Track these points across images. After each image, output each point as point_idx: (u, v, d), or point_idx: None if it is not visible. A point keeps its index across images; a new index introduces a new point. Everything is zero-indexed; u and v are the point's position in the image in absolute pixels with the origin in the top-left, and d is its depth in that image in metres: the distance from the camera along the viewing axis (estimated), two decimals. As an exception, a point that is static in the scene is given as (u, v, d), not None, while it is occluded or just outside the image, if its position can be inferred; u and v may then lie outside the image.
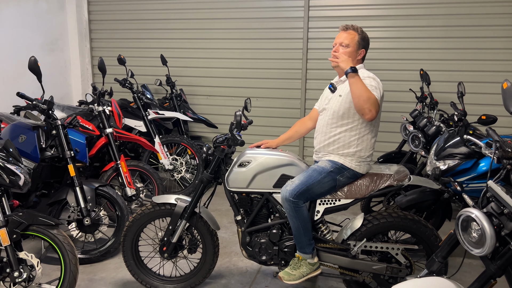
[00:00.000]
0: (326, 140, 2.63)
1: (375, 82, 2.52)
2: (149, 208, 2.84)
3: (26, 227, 2.51)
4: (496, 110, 4.04)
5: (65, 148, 3.24)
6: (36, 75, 3.10)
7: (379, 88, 2.51)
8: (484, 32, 4.68)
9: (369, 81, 2.50)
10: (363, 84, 2.38)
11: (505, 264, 1.61)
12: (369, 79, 2.52)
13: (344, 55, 2.50)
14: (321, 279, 3.08)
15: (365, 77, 2.52)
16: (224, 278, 3.12)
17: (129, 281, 3.04)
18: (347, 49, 2.58)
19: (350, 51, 2.58)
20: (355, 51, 2.61)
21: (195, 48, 5.63)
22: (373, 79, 2.53)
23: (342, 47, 2.59)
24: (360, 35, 2.62)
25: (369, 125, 2.58)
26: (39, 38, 5.34)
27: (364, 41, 2.64)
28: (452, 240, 1.85)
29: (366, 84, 2.42)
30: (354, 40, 2.60)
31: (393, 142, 4.78)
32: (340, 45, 2.60)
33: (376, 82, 2.52)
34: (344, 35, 2.61)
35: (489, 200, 1.67)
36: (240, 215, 2.75)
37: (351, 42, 2.59)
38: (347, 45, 2.59)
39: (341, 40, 2.61)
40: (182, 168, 4.83)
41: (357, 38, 2.60)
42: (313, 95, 5.25)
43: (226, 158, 2.76)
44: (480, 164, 2.98)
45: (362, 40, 2.62)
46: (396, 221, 2.61)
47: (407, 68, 4.95)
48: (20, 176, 2.55)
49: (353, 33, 2.61)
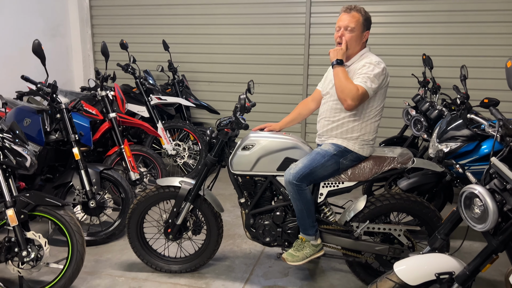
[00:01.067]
0: (329, 125, 2.64)
1: (373, 71, 2.45)
2: (153, 190, 2.87)
3: (33, 208, 2.55)
4: (498, 95, 4.04)
5: (70, 132, 3.26)
6: (40, 58, 3.11)
7: (377, 76, 2.45)
8: (487, 17, 4.66)
9: (367, 69, 2.46)
10: (343, 76, 2.45)
11: (507, 239, 1.64)
12: (369, 66, 2.47)
13: (341, 49, 2.51)
14: (324, 260, 3.13)
15: (367, 63, 2.49)
16: (228, 259, 3.16)
17: (135, 262, 3.08)
18: (352, 33, 2.52)
19: (356, 35, 2.52)
20: (360, 34, 2.54)
21: (197, 34, 5.62)
22: (375, 66, 2.46)
23: (348, 31, 2.52)
24: (364, 16, 2.54)
25: (372, 111, 2.57)
26: (41, 23, 5.32)
27: (368, 21, 2.57)
28: (455, 218, 1.88)
29: (362, 74, 2.44)
30: (359, 22, 2.52)
31: (394, 127, 4.79)
32: (345, 29, 2.53)
33: (376, 71, 2.45)
34: (348, 17, 2.52)
35: (492, 177, 1.69)
36: (244, 198, 2.78)
37: (357, 24, 2.51)
38: (352, 29, 2.51)
39: (345, 23, 2.52)
40: (185, 153, 4.86)
41: (361, 20, 2.53)
42: (315, 80, 5.24)
43: (229, 141, 2.77)
44: (482, 146, 3.00)
45: (366, 21, 2.55)
46: (399, 203, 2.64)
47: (410, 54, 4.94)
48: (26, 157, 2.58)
49: (357, 15, 2.52)
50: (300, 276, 2.95)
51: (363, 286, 2.80)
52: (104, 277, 2.91)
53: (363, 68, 2.48)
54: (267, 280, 2.90)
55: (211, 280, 2.88)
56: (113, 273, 2.96)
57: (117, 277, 2.92)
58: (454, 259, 1.82)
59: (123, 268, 3.02)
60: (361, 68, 2.50)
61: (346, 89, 2.41)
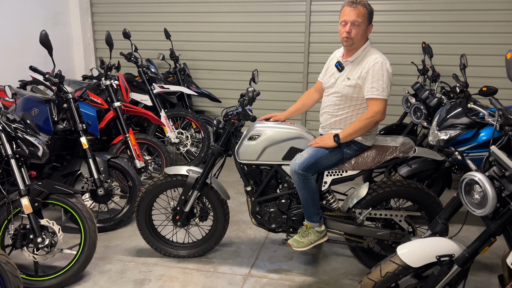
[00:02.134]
0: (332, 118, 2.72)
1: (383, 76, 2.51)
2: (161, 179, 2.95)
3: (46, 196, 2.63)
4: (497, 82, 4.10)
5: (77, 121, 3.32)
6: (47, 49, 3.15)
7: (389, 78, 2.53)
8: (487, 4, 4.70)
9: (378, 75, 2.50)
10: (353, 132, 2.57)
11: (505, 223, 1.73)
12: (379, 70, 2.50)
13: (322, 140, 2.64)
14: (326, 245, 3.24)
15: (376, 67, 2.51)
16: (234, 244, 3.27)
17: (143, 248, 3.18)
18: (359, 28, 2.54)
19: (362, 29, 2.56)
20: (366, 28, 2.58)
21: (198, 22, 5.63)
22: (384, 70, 2.51)
23: (355, 26, 2.53)
24: (368, 9, 2.55)
25: None
26: (42, 12, 5.32)
27: (371, 15, 2.59)
28: (455, 203, 1.97)
29: (375, 84, 2.52)
30: (365, 17, 2.54)
31: (394, 114, 4.86)
32: (352, 24, 2.53)
33: (385, 74, 2.51)
34: (355, 12, 2.52)
35: (491, 164, 1.78)
36: (250, 186, 2.87)
37: (363, 19, 2.53)
38: (359, 23, 2.53)
39: (352, 18, 2.52)
40: (188, 141, 4.93)
41: (366, 14, 2.54)
42: (316, 68, 5.30)
43: (235, 131, 2.85)
44: (481, 134, 3.08)
45: (370, 15, 2.57)
46: (400, 189, 2.73)
47: (409, 41, 4.99)
48: (39, 147, 2.65)
49: (362, 10, 2.53)
50: (304, 260, 3.06)
51: (365, 269, 2.91)
52: (115, 262, 3.01)
53: (374, 75, 2.52)
54: (272, 264, 3.01)
55: (218, 265, 2.98)
56: (123, 258, 3.06)
57: (127, 262, 3.01)
58: (454, 243, 1.92)
59: (132, 254, 3.12)
60: (371, 70, 2.53)
61: (369, 125, 2.56)
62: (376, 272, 1.99)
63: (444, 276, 1.86)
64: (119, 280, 2.80)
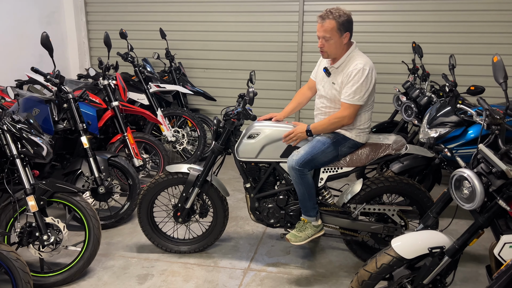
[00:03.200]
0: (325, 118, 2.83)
1: (358, 81, 2.59)
2: (162, 177, 3.03)
3: (51, 194, 2.69)
4: (485, 80, 4.26)
5: (77, 121, 3.38)
6: (48, 50, 3.20)
7: (364, 84, 2.60)
8: (475, 5, 4.84)
9: (353, 80, 2.60)
10: (324, 127, 2.75)
11: (492, 216, 1.86)
12: (355, 76, 2.59)
13: (296, 136, 2.78)
14: (323, 239, 3.35)
15: (354, 72, 2.60)
16: (233, 239, 3.37)
17: (145, 244, 3.26)
18: (330, 41, 2.64)
19: (334, 41, 2.64)
20: (338, 39, 2.64)
21: (192, 21, 5.70)
22: (361, 75, 2.58)
23: (325, 40, 2.64)
24: (338, 21, 2.58)
25: (365, 104, 2.74)
26: (36, 11, 5.34)
27: (344, 24, 2.61)
28: (446, 198, 2.09)
29: (349, 90, 2.63)
30: (333, 30, 2.60)
31: (385, 112, 5.00)
32: (323, 39, 2.65)
33: (362, 79, 2.59)
34: (323, 28, 2.62)
35: (479, 161, 1.90)
36: (249, 183, 2.96)
37: (332, 33, 2.60)
38: (328, 38, 2.63)
39: (321, 34, 2.63)
40: (184, 139, 5.00)
41: (336, 26, 2.59)
42: (309, 67, 5.40)
43: (235, 130, 2.94)
44: (469, 131, 3.22)
45: (342, 25, 2.60)
46: (392, 185, 2.85)
47: (400, 41, 5.11)
48: (43, 147, 2.71)
49: (330, 23, 2.59)
50: (301, 254, 3.18)
51: (360, 262, 3.03)
52: (118, 258, 3.09)
53: (351, 82, 2.62)
54: (271, 258, 3.12)
55: (218, 259, 3.08)
56: (126, 254, 3.15)
57: (129, 258, 3.10)
58: (445, 235, 2.04)
59: (134, 250, 3.21)
60: (349, 76, 2.64)
61: (335, 125, 2.72)
62: (371, 264, 2.11)
63: (436, 267, 1.98)
64: (122, 276, 2.88)
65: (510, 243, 1.75)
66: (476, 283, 2.83)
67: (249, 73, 3.00)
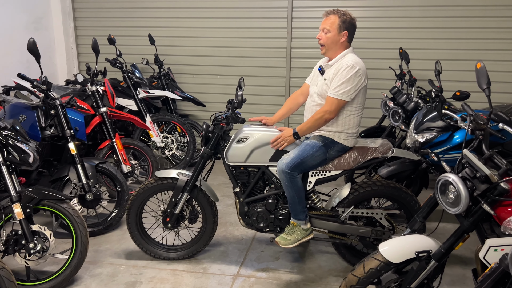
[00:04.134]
0: None
1: (345, 76, 2.66)
2: (151, 182, 3.02)
3: (38, 202, 2.67)
4: (470, 86, 4.34)
5: (65, 127, 3.36)
6: (34, 56, 3.18)
7: (351, 80, 2.66)
8: (459, 12, 4.93)
9: (340, 75, 2.67)
10: (308, 128, 2.79)
11: (477, 220, 1.89)
12: (342, 72, 2.67)
13: (284, 140, 2.82)
14: (312, 244, 3.37)
15: (342, 68, 2.68)
16: (222, 245, 3.36)
17: (133, 251, 3.24)
18: (328, 34, 2.76)
19: (331, 35, 2.75)
20: (336, 35, 2.75)
21: (181, 27, 5.70)
22: (349, 70, 2.66)
23: (324, 33, 2.77)
24: (341, 18, 2.74)
25: (354, 107, 2.79)
26: (23, 16, 5.30)
27: (346, 23, 2.75)
28: (432, 202, 2.12)
29: (335, 84, 2.69)
30: (334, 24, 2.75)
31: (373, 117, 5.05)
32: (323, 31, 2.78)
33: (349, 75, 2.66)
34: (325, 20, 2.78)
35: (464, 166, 1.93)
36: (238, 187, 2.97)
37: (331, 27, 2.75)
38: (328, 30, 2.76)
39: (323, 26, 2.79)
40: (173, 145, 4.99)
41: (337, 21, 2.75)
42: (298, 73, 5.44)
43: (224, 135, 2.95)
44: (455, 136, 3.27)
45: (343, 23, 2.75)
46: (380, 189, 2.88)
47: (387, 47, 5.18)
48: (29, 154, 2.69)
49: (333, 17, 2.75)
50: (290, 258, 3.18)
51: (348, 266, 3.05)
52: (106, 265, 3.06)
53: (338, 76, 2.70)
54: (260, 263, 3.12)
55: (208, 265, 3.07)
56: (114, 261, 3.12)
57: (118, 265, 3.07)
58: (431, 239, 2.06)
59: (122, 257, 3.18)
60: (338, 70, 2.72)
61: (319, 120, 2.75)
62: (359, 269, 2.12)
63: (423, 271, 2.00)
64: (110, 283, 2.86)
65: (495, 246, 1.77)
66: (462, 286, 2.87)
67: (238, 79, 3.02)
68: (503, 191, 1.78)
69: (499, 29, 4.88)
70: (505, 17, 4.84)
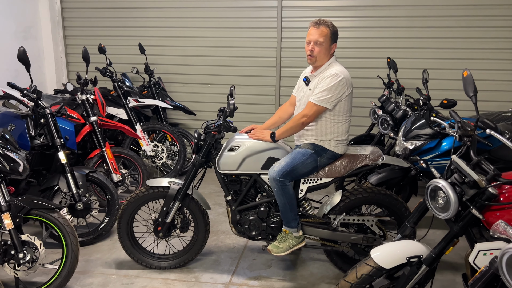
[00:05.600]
0: (304, 129, 2.89)
1: (329, 84, 2.70)
2: (143, 191, 3.01)
3: (27, 211, 2.64)
4: (456, 94, 4.43)
5: (55, 136, 3.34)
6: (25, 65, 3.17)
7: (333, 88, 2.70)
8: (445, 22, 5.05)
9: (324, 83, 2.72)
10: (286, 130, 2.84)
11: (466, 225, 1.92)
12: (326, 80, 2.71)
13: (261, 133, 2.89)
14: (304, 251, 3.37)
15: (326, 77, 2.73)
16: (214, 254, 3.35)
17: (124, 260, 3.21)
18: (321, 47, 2.77)
19: (324, 48, 2.78)
20: (328, 47, 2.79)
21: (171, 37, 5.72)
22: (332, 79, 2.70)
23: (317, 45, 2.77)
24: (331, 30, 2.78)
25: (342, 115, 2.83)
26: (12, 25, 5.27)
27: (335, 35, 2.81)
28: (422, 208, 2.15)
29: (318, 91, 2.73)
30: (327, 36, 2.76)
31: (362, 125, 5.11)
32: (315, 43, 2.77)
33: (332, 83, 2.70)
34: (317, 32, 2.76)
35: (453, 171, 1.97)
36: (230, 195, 2.97)
37: (325, 39, 2.76)
38: (321, 43, 2.76)
39: (315, 37, 2.76)
40: (163, 154, 4.98)
41: (329, 34, 2.77)
42: (288, 82, 5.49)
43: (216, 143, 2.96)
44: (443, 143, 3.32)
45: (333, 35, 2.80)
46: (371, 196, 2.91)
47: (375, 56, 5.26)
48: (19, 163, 2.66)
49: (325, 30, 2.76)
50: (283, 266, 3.18)
51: (340, 273, 3.06)
52: (96, 275, 3.03)
53: (322, 83, 2.75)
54: (252, 271, 3.11)
55: (200, 274, 3.06)
56: (105, 271, 3.09)
57: (109, 275, 3.04)
58: (422, 244, 2.09)
59: (113, 266, 3.15)
60: (322, 79, 2.77)
61: (296, 123, 2.80)
62: (352, 275, 2.14)
63: (414, 276, 2.02)
64: (101, 293, 2.83)
65: (484, 250, 1.80)
66: (453, 291, 2.90)
67: (229, 87, 3.04)
68: (491, 196, 1.82)
69: (483, 39, 5.00)
70: (489, 27, 4.97)
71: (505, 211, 1.80)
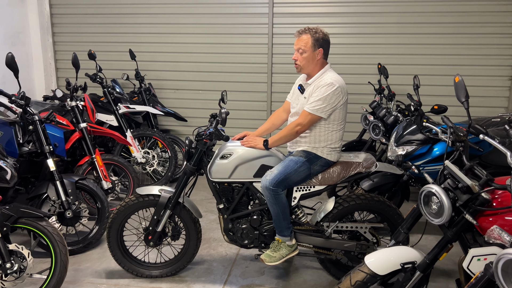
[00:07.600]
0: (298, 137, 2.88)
1: (323, 94, 2.69)
2: (133, 199, 2.97)
3: (15, 220, 2.58)
4: (446, 100, 4.46)
5: (44, 143, 3.28)
6: (13, 71, 3.13)
7: (328, 98, 2.69)
8: (435, 29, 5.10)
9: (319, 92, 2.70)
10: (279, 138, 2.83)
11: (459, 230, 1.92)
12: (321, 89, 2.70)
13: (254, 140, 2.88)
14: (297, 259, 3.35)
15: (321, 86, 2.71)
16: (206, 262, 3.31)
17: (114, 269, 3.16)
18: (304, 54, 2.77)
19: (308, 55, 2.77)
20: (312, 53, 2.77)
21: (162, 43, 5.70)
22: (327, 88, 2.69)
23: (299, 53, 2.78)
24: (313, 37, 2.75)
25: (336, 123, 2.82)
26: (0, 31, 5.20)
27: (319, 41, 2.76)
28: (415, 214, 2.15)
29: (312, 100, 2.72)
30: (308, 44, 2.75)
31: (354, 131, 5.12)
32: (297, 52, 2.79)
33: (326, 93, 2.68)
34: (299, 40, 2.78)
35: (446, 177, 1.97)
36: (222, 203, 2.94)
37: (306, 46, 2.75)
38: (303, 50, 2.77)
39: (297, 46, 2.79)
40: (154, 161, 4.93)
41: (310, 40, 2.75)
42: (279, 88, 5.50)
43: (207, 151, 2.93)
44: (434, 149, 3.33)
45: (317, 41, 2.75)
46: (364, 202, 2.90)
47: (365, 62, 5.29)
48: (7, 170, 2.61)
49: (306, 37, 2.75)
50: (276, 274, 3.15)
51: (334, 280, 3.04)
52: (86, 285, 2.97)
53: (317, 92, 2.74)
54: (245, 279, 3.08)
55: (191, 283, 3.01)
56: (94, 281, 3.03)
57: (98, 284, 2.98)
58: (416, 250, 2.08)
59: (103, 276, 3.09)
60: (317, 87, 2.75)
61: (290, 131, 2.80)
62: (346, 282, 2.12)
63: (408, 282, 2.01)
64: (91, 304, 2.77)
65: (478, 256, 1.80)
66: (446, 297, 2.89)
67: (220, 93, 3.02)
68: (484, 201, 1.82)
69: (472, 45, 5.07)
70: (478, 34, 5.03)
71: (498, 216, 1.80)
